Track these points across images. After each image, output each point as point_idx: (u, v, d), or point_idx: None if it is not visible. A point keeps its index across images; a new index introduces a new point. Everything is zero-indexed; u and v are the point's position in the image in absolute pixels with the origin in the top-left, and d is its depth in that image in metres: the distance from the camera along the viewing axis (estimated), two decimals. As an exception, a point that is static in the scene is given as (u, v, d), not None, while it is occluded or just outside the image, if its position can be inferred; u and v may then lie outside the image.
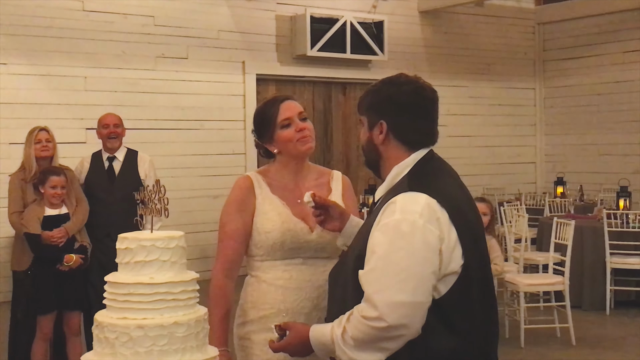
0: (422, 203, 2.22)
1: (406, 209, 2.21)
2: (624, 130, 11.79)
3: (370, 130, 2.45)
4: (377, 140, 2.42)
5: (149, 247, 2.11)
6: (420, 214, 2.19)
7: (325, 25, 10.35)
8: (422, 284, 2.16)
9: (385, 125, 2.40)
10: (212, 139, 9.89)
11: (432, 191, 2.26)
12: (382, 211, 2.27)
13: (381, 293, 2.14)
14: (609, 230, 7.89)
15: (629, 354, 6.57)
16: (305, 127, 2.91)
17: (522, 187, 12.14)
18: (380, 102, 2.42)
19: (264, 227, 2.87)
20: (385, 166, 2.45)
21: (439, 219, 2.21)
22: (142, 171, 6.02)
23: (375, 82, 2.51)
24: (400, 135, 2.40)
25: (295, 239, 2.87)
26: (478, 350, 2.30)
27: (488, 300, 2.37)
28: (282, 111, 2.92)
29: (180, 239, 2.17)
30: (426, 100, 2.42)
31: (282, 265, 2.89)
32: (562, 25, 12.64)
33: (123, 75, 9.21)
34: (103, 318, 2.11)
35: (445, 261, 2.21)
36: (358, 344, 2.19)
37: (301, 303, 2.87)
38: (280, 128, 2.91)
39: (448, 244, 2.21)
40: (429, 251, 2.18)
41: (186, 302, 2.14)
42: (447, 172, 2.44)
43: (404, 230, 2.18)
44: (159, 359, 2.05)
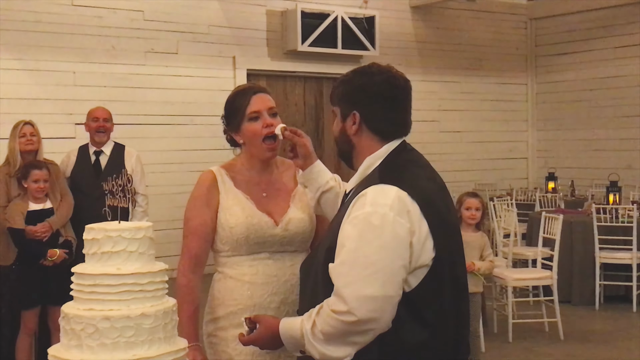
0: (392, 196, 2.20)
1: (377, 201, 2.19)
2: (615, 125, 11.78)
3: (343, 121, 2.43)
4: (350, 130, 2.40)
5: (115, 237, 2.09)
6: (390, 207, 2.17)
7: (316, 20, 10.32)
8: (392, 277, 2.14)
9: (358, 116, 2.37)
10: (202, 134, 9.84)
11: (403, 184, 2.23)
12: (353, 204, 2.25)
13: (350, 287, 2.13)
14: (598, 225, 7.89)
15: (618, 349, 6.57)
16: (272, 123, 2.86)
17: (514, 182, 12.13)
18: (353, 92, 2.40)
19: (227, 222, 2.83)
20: (357, 157, 2.43)
21: (409, 212, 2.19)
22: (129, 166, 5.99)
23: (347, 72, 2.49)
24: (373, 125, 2.37)
25: (260, 233, 2.83)
26: (448, 343, 2.29)
27: (459, 292, 2.35)
28: (253, 103, 2.88)
29: (147, 229, 2.14)
30: (399, 90, 2.40)
31: (248, 260, 2.86)
32: (554, 21, 12.62)
33: (112, 70, 9.18)
34: (69, 309, 2.09)
35: (416, 254, 2.19)
36: (327, 338, 2.17)
37: (269, 298, 2.83)
38: (248, 120, 2.88)
39: (419, 237, 2.19)
40: (399, 244, 2.16)
41: (154, 293, 2.11)
42: (419, 163, 2.41)
43: (374, 224, 2.16)
44: (125, 350, 2.03)
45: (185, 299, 2.77)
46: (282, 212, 2.89)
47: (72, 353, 2.04)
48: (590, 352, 6.49)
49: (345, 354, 2.18)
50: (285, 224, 2.86)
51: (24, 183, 5.52)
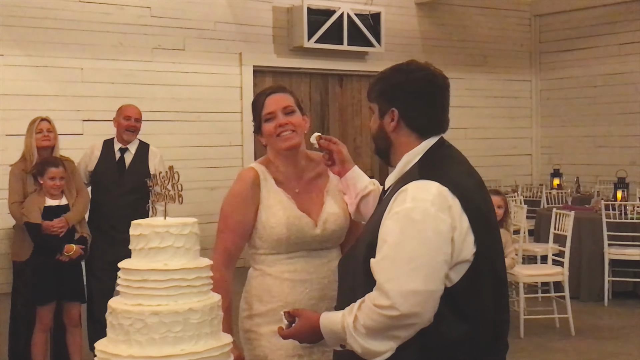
0: (433, 191, 2.21)
1: (418, 197, 2.20)
2: (619, 122, 11.80)
3: (381, 118, 2.43)
4: (389, 127, 2.40)
5: (162, 233, 2.10)
6: (431, 202, 2.18)
7: (322, 17, 10.33)
8: (434, 272, 2.15)
9: (397, 113, 2.38)
10: (208, 131, 9.87)
11: (444, 179, 2.24)
12: (394, 200, 2.26)
13: (393, 282, 2.14)
14: (607, 222, 7.91)
15: (628, 345, 6.59)
16: (285, 122, 2.89)
17: (518, 179, 12.15)
18: (392, 89, 2.40)
19: (268, 221, 2.85)
20: (395, 154, 2.43)
21: (450, 207, 2.20)
22: (152, 165, 5.98)
23: (385, 69, 2.49)
24: (412, 122, 2.38)
25: (301, 234, 2.86)
26: (487, 338, 2.30)
27: (499, 288, 2.36)
28: (267, 105, 2.92)
29: (193, 225, 2.16)
30: (437, 88, 2.41)
31: (285, 259, 2.88)
32: (558, 17, 12.64)
33: (120, 66, 9.18)
34: (117, 305, 2.09)
35: (457, 250, 2.20)
36: (370, 332, 2.18)
37: (308, 295, 2.86)
38: (265, 121, 2.92)
39: (460, 232, 2.20)
40: (441, 239, 2.17)
41: (200, 288, 2.12)
42: (457, 159, 2.42)
43: (416, 219, 2.17)
44: (173, 345, 2.04)
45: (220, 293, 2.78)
46: (319, 210, 2.91)
47: (120, 348, 2.05)
48: (601, 347, 6.52)
49: (387, 347, 2.19)
50: (323, 223, 2.88)
51: (40, 180, 5.52)
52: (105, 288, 5.88)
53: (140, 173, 5.93)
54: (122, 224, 5.70)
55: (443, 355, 2.23)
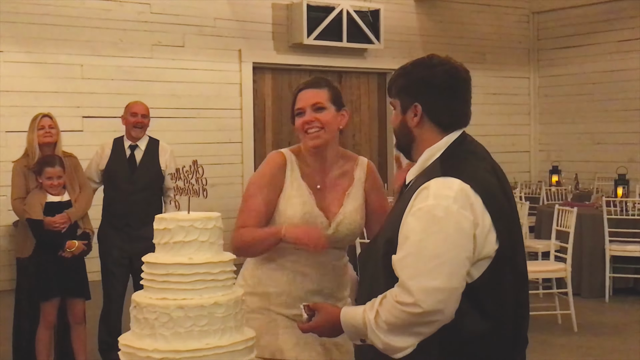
0: (455, 188, 2.20)
1: (440, 194, 2.20)
2: (618, 119, 11.83)
3: (403, 113, 2.42)
4: (412, 123, 2.39)
5: (187, 227, 2.09)
6: (454, 199, 2.18)
7: (321, 14, 10.33)
8: (457, 269, 2.15)
9: (420, 108, 2.37)
10: (208, 128, 9.86)
11: (466, 176, 2.24)
12: (415, 196, 2.25)
13: (416, 279, 2.14)
14: (607, 218, 7.93)
15: (630, 341, 6.62)
16: (312, 119, 2.91)
17: (517, 176, 12.17)
18: (414, 84, 2.39)
19: (285, 211, 2.87)
20: (417, 148, 2.42)
21: (472, 204, 2.20)
22: (163, 161, 5.98)
23: (405, 64, 2.47)
24: (435, 117, 2.37)
25: None
26: (508, 333, 2.31)
27: (519, 283, 2.37)
28: (298, 100, 2.96)
29: (217, 219, 2.15)
30: (460, 81, 2.40)
31: (292, 248, 2.89)
32: (557, 15, 12.66)
33: (119, 63, 9.17)
34: (142, 299, 2.09)
35: (479, 246, 2.20)
36: (392, 328, 2.18)
37: (305, 287, 2.89)
38: (296, 116, 2.95)
39: (482, 229, 2.20)
40: (463, 236, 2.17)
41: (224, 282, 2.12)
42: (479, 155, 2.41)
43: (438, 216, 2.16)
44: (199, 339, 2.04)
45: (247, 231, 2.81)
46: (336, 210, 2.93)
47: (145, 342, 2.05)
48: (604, 343, 6.54)
49: (409, 343, 2.19)
50: (337, 225, 2.91)
51: (38, 179, 5.51)
52: (120, 284, 5.91)
53: (152, 169, 5.94)
54: (136, 221, 5.80)
55: (464, 350, 2.24)
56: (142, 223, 5.77)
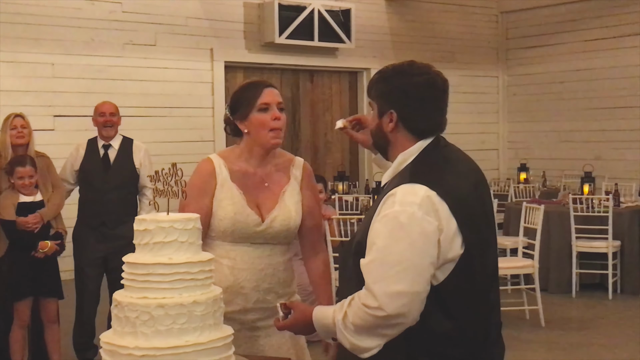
0: (421, 195, 2.25)
1: (405, 200, 2.25)
2: (584, 117, 12.03)
3: (380, 117, 2.46)
4: (387, 128, 2.44)
5: (167, 228, 2.15)
6: (419, 206, 2.23)
7: (293, 13, 10.39)
8: (421, 274, 2.21)
9: (395, 115, 2.41)
10: (180, 126, 9.88)
11: (433, 183, 2.28)
12: (383, 202, 2.31)
13: (381, 283, 2.20)
14: (574, 215, 8.08)
15: (597, 335, 6.76)
16: (280, 117, 2.98)
17: (486, 173, 12.02)
18: (391, 91, 2.42)
19: (217, 213, 2.95)
20: (393, 151, 2.48)
21: (437, 211, 2.24)
22: (137, 160, 6.00)
23: (386, 68, 2.50)
24: (410, 125, 2.41)
25: (245, 229, 2.95)
26: (477, 332, 2.36)
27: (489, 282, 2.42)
28: (264, 95, 2.99)
29: (196, 220, 2.21)
30: (438, 91, 2.43)
31: (230, 245, 2.98)
32: (525, 14, 12.84)
33: (91, 62, 9.16)
34: (122, 298, 2.14)
35: (444, 251, 2.25)
36: (358, 329, 2.25)
37: (241, 283, 2.96)
38: (258, 110, 2.97)
39: (447, 234, 2.25)
40: (427, 242, 2.22)
41: (203, 281, 2.19)
42: (451, 160, 2.45)
43: (403, 222, 2.22)
44: (178, 337, 2.09)
45: None
46: (270, 208, 3.00)
47: (126, 340, 2.10)
48: (571, 338, 6.68)
49: (375, 344, 2.26)
50: (270, 222, 2.97)
51: (10, 179, 5.51)
52: (94, 284, 5.93)
53: (126, 168, 5.97)
54: (111, 220, 5.83)
55: (429, 349, 2.31)
56: (117, 222, 5.81)
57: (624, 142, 11.50)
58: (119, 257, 2.72)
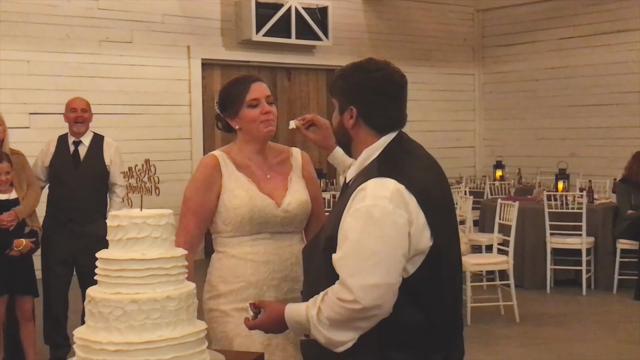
0: (391, 188, 2.29)
1: (376, 194, 2.29)
2: (560, 115, 12.14)
3: (341, 114, 2.52)
4: (348, 124, 2.49)
5: (140, 224, 2.15)
6: (389, 199, 2.27)
7: (270, 10, 10.39)
8: (394, 266, 2.25)
9: (355, 111, 2.46)
10: (157, 124, 9.86)
11: (401, 177, 2.33)
12: (353, 197, 2.34)
13: (355, 277, 2.23)
14: (549, 212, 8.16)
15: (571, 330, 6.84)
16: (270, 111, 3.00)
17: (462, 170, 12.41)
18: (350, 88, 2.48)
19: (231, 203, 2.94)
20: (356, 148, 2.52)
21: (407, 204, 2.29)
22: (108, 157, 5.98)
23: (346, 66, 2.56)
24: (370, 120, 2.46)
25: (263, 213, 2.94)
26: (444, 321, 2.42)
27: (454, 273, 2.48)
28: (252, 91, 3.00)
29: (169, 216, 2.22)
30: (395, 87, 2.47)
31: (249, 240, 2.97)
32: (500, 13, 12.93)
33: (67, 59, 9.12)
34: (96, 293, 2.15)
35: (414, 243, 2.29)
36: (333, 323, 2.28)
37: (270, 275, 2.96)
38: (247, 106, 2.99)
39: (416, 227, 2.30)
40: (399, 234, 2.26)
41: (177, 277, 2.19)
42: (416, 154, 2.50)
43: (375, 216, 2.26)
44: (152, 332, 2.10)
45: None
46: (282, 195, 3.01)
47: (99, 335, 2.11)
48: (545, 333, 6.75)
49: (350, 337, 2.29)
50: (287, 206, 2.99)
51: None
52: (62, 282, 5.89)
53: (96, 165, 5.95)
54: (80, 217, 5.80)
55: (402, 341, 2.35)
56: (86, 219, 5.78)
57: (598, 140, 11.62)
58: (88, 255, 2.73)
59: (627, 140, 10.88)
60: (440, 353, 2.40)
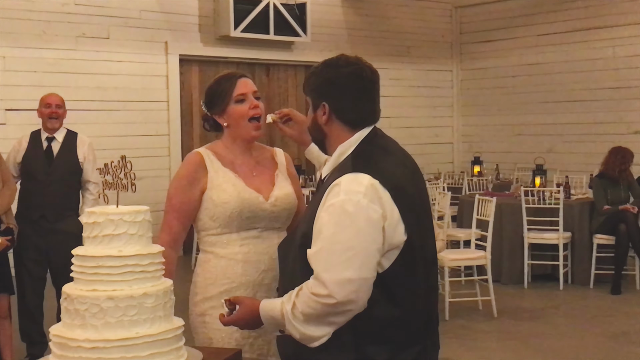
0: (365, 184, 2.30)
1: (350, 189, 2.30)
2: (537, 111, 12.21)
3: (314, 111, 2.53)
4: (321, 120, 2.50)
5: (116, 220, 2.15)
6: (364, 194, 2.28)
7: (248, 6, 10.36)
8: (368, 260, 2.26)
9: (328, 107, 2.47)
10: (135, 120, 9.81)
11: (375, 172, 2.34)
12: (328, 192, 2.35)
13: (330, 271, 2.24)
14: (526, 207, 8.22)
15: (548, 325, 6.89)
16: (258, 105, 3.00)
17: (440, 166, 12.45)
18: (321, 84, 2.49)
19: (220, 198, 2.91)
20: (330, 144, 2.53)
21: (381, 199, 2.30)
22: (81, 153, 5.94)
23: (317, 63, 2.57)
24: (343, 116, 2.47)
25: (253, 207, 2.93)
26: (419, 316, 2.43)
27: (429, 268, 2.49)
28: (239, 86, 2.99)
29: (146, 212, 2.21)
30: (366, 81, 2.48)
31: (238, 239, 2.95)
32: (478, 9, 12.98)
33: (43, 55, 9.04)
34: (72, 290, 2.14)
35: (389, 238, 2.30)
36: (308, 319, 2.28)
37: (261, 275, 2.94)
38: (235, 102, 2.98)
39: (390, 222, 2.30)
40: (373, 229, 2.27)
41: (153, 273, 2.19)
42: (390, 150, 2.51)
43: (349, 211, 2.27)
44: (129, 329, 2.10)
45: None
46: (269, 190, 3.00)
47: (76, 332, 2.10)
48: (523, 328, 6.80)
49: (324, 333, 2.30)
50: (275, 200, 2.98)
51: None
52: (36, 279, 5.85)
53: (69, 161, 5.91)
54: (52, 214, 5.75)
55: (377, 335, 2.35)
56: (58, 216, 5.75)
57: (575, 136, 11.70)
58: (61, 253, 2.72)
59: (603, 136, 10.97)
60: (416, 347, 2.41)
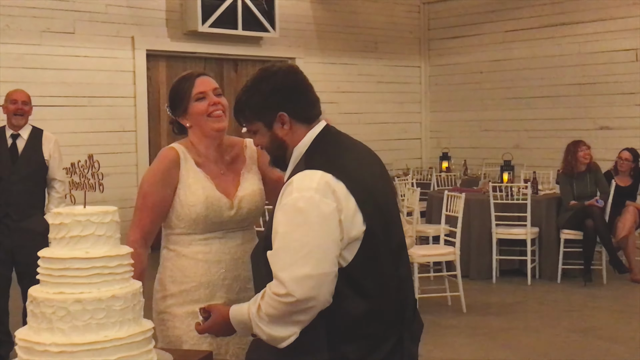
0: (317, 179, 2.30)
1: (302, 186, 2.30)
2: (504, 106, 12.29)
3: (270, 129, 2.47)
4: (282, 133, 2.46)
5: (84, 222, 2.10)
6: (315, 190, 2.28)
7: (216, 1, 10.28)
8: (325, 255, 2.25)
9: (286, 115, 2.44)
10: (101, 116, 9.68)
11: (327, 166, 2.34)
12: (282, 192, 2.36)
13: (286, 270, 2.23)
14: (494, 203, 8.26)
15: (516, 320, 6.95)
16: (219, 102, 2.95)
17: (409, 162, 12.49)
18: (269, 97, 2.44)
19: (187, 200, 2.88)
20: (292, 153, 2.50)
21: (335, 192, 2.29)
22: (47, 151, 5.85)
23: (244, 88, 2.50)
24: (300, 115, 2.46)
25: (218, 213, 2.90)
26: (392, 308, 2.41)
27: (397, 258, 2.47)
28: (197, 85, 2.95)
29: (114, 213, 2.17)
30: (301, 75, 2.51)
31: (201, 239, 2.92)
32: (446, 5, 13.02)
33: (7, 50, 8.89)
34: (38, 293, 2.09)
35: (347, 230, 2.29)
36: (272, 319, 2.27)
37: (222, 275, 2.92)
38: (195, 101, 2.94)
39: (347, 213, 2.30)
40: (328, 223, 2.26)
41: (122, 275, 2.14)
42: (343, 144, 2.50)
43: (302, 207, 2.27)
44: (97, 332, 2.05)
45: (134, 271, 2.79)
46: (235, 190, 2.97)
47: (43, 336, 2.05)
48: (492, 323, 6.84)
49: (291, 332, 2.29)
50: (238, 202, 2.95)
51: None
52: (3, 278, 5.75)
53: (34, 159, 5.82)
54: (16, 212, 5.66)
55: (350, 331, 2.34)
56: (22, 214, 5.66)
57: (542, 131, 11.79)
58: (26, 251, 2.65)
59: (569, 132, 11.05)
60: (390, 340, 2.40)
